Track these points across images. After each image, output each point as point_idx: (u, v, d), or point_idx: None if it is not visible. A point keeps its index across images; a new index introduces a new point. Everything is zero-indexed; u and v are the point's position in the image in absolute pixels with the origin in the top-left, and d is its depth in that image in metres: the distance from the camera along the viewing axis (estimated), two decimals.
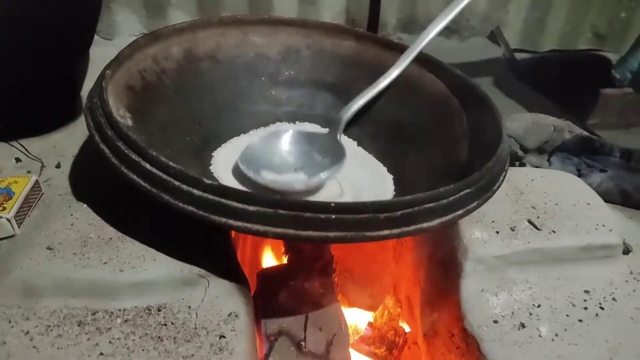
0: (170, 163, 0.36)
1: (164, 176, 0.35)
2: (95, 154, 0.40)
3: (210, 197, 0.34)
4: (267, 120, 0.60)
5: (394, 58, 0.62)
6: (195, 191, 0.35)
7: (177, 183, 0.35)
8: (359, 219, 0.35)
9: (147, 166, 0.36)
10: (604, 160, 0.59)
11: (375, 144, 0.59)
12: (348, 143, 0.59)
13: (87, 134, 0.43)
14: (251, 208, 0.34)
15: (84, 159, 0.53)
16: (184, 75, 0.56)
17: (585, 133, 0.61)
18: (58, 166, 0.52)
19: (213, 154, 0.54)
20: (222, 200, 0.34)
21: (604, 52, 1.14)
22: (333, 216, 0.34)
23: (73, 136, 0.57)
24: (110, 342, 0.35)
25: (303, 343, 0.45)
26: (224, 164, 0.53)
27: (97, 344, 0.35)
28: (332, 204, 0.34)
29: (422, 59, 0.60)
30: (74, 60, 0.59)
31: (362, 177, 0.54)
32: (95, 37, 0.91)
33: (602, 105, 1.16)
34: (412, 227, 0.37)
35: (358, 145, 0.59)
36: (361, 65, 0.64)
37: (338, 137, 0.55)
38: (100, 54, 0.57)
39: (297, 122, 0.61)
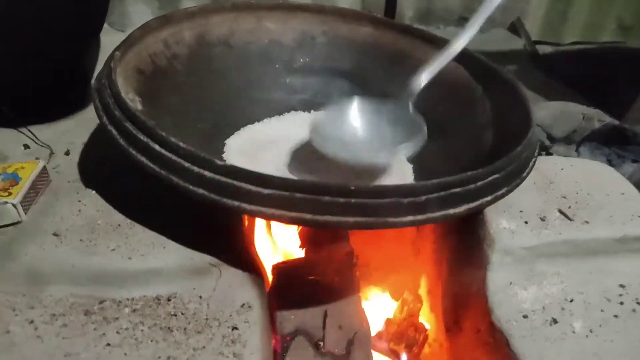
0: (180, 143, 0.34)
1: (174, 157, 0.33)
2: (105, 140, 0.39)
3: (222, 179, 0.32)
4: (281, 108, 0.58)
5: (412, 44, 0.60)
6: (207, 173, 0.33)
7: (187, 164, 0.33)
8: (381, 203, 0.32)
9: (156, 147, 0.34)
10: (636, 150, 0.56)
11: None
12: None
13: (97, 121, 0.42)
14: (265, 191, 0.32)
15: (93, 146, 0.52)
16: (195, 60, 0.55)
17: (616, 122, 0.58)
18: (67, 153, 0.51)
19: (226, 141, 0.53)
20: (235, 182, 0.32)
21: (631, 45, 1.10)
22: (353, 200, 0.32)
23: (83, 123, 0.55)
24: (117, 332, 0.34)
25: (321, 343, 0.42)
26: (237, 152, 0.51)
27: (104, 334, 0.33)
28: (352, 187, 0.32)
29: (444, 44, 0.58)
30: (83, 46, 0.57)
31: (377, 168, 0.52)
32: (108, 28, 0.90)
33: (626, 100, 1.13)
34: (438, 213, 0.34)
35: None
36: (379, 52, 0.61)
37: (410, 108, 0.49)
38: (112, 44, 0.56)
39: (312, 110, 0.59)
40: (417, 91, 0.50)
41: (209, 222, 0.40)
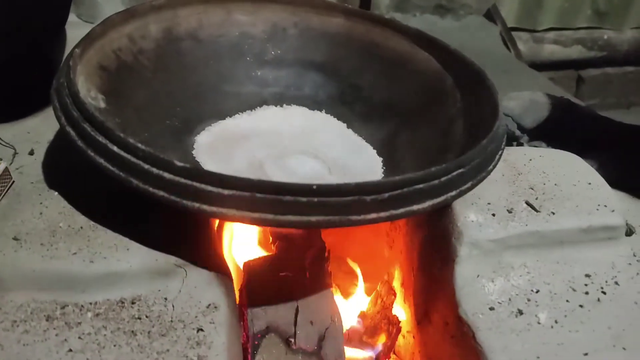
0: (139, 145, 0.33)
1: (132, 159, 0.33)
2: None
3: (182, 180, 0.32)
4: (253, 102, 0.58)
5: (385, 35, 0.59)
6: (166, 174, 0.32)
7: (146, 166, 0.32)
8: (344, 201, 0.32)
9: (115, 149, 0.33)
10: (605, 139, 0.57)
11: (365, 125, 0.56)
12: (337, 125, 0.57)
13: None
14: (226, 192, 0.31)
15: (59, 145, 0.51)
16: (163, 55, 0.54)
17: (586, 111, 0.58)
18: (31, 153, 0.49)
19: (196, 138, 0.52)
20: (195, 183, 0.32)
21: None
22: (315, 199, 0.32)
23: (48, 121, 0.54)
24: (80, 337, 0.33)
25: (293, 339, 0.42)
26: (208, 149, 0.51)
27: (66, 339, 0.33)
28: (314, 186, 0.32)
29: (414, 35, 0.57)
30: (46, 39, 0.56)
31: (349, 160, 0.52)
32: (77, 20, 0.88)
33: (602, 85, 1.14)
34: (401, 210, 0.34)
35: (348, 127, 0.56)
36: (351, 43, 0.61)
37: None
38: (81, 37, 0.54)
39: (284, 104, 0.59)
40: None
41: (174, 221, 0.39)
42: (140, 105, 0.49)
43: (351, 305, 0.56)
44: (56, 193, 0.43)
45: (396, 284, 0.56)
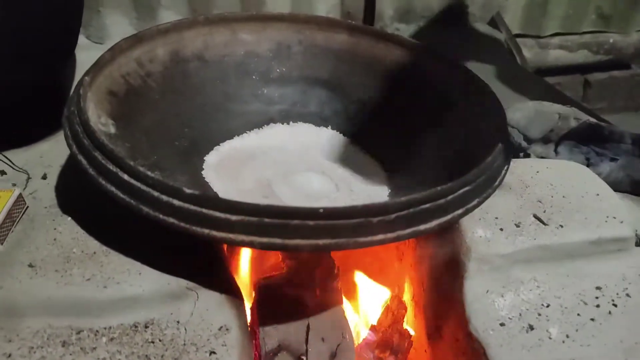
0: (149, 173, 0.34)
1: (142, 187, 0.34)
2: None
3: (191, 207, 0.32)
4: (259, 120, 0.59)
5: (388, 50, 0.60)
6: (175, 201, 0.33)
7: (156, 194, 0.33)
8: (351, 224, 0.33)
9: (125, 177, 0.34)
10: (614, 148, 0.57)
11: (370, 140, 0.56)
12: (343, 141, 0.57)
13: None
14: (234, 217, 0.32)
15: (70, 169, 0.52)
16: (170, 77, 0.54)
17: (592, 120, 0.58)
18: (44, 177, 0.50)
19: (205, 158, 0.53)
20: (204, 210, 0.32)
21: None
22: (322, 222, 0.32)
23: (60, 145, 0.55)
24: None
25: (304, 357, 0.43)
26: (217, 169, 0.51)
27: None
28: (321, 210, 0.32)
29: (420, 49, 0.58)
30: (56, 65, 0.57)
31: (355, 176, 0.52)
32: (86, 41, 0.89)
33: (609, 88, 1.13)
34: (408, 230, 0.34)
35: (353, 142, 0.57)
36: (355, 59, 0.61)
37: None
38: (91, 59, 0.55)
39: (290, 122, 0.59)
40: None
41: (185, 245, 0.40)
42: (149, 128, 0.50)
43: (362, 320, 0.56)
44: (69, 218, 0.43)
45: (406, 298, 0.56)
